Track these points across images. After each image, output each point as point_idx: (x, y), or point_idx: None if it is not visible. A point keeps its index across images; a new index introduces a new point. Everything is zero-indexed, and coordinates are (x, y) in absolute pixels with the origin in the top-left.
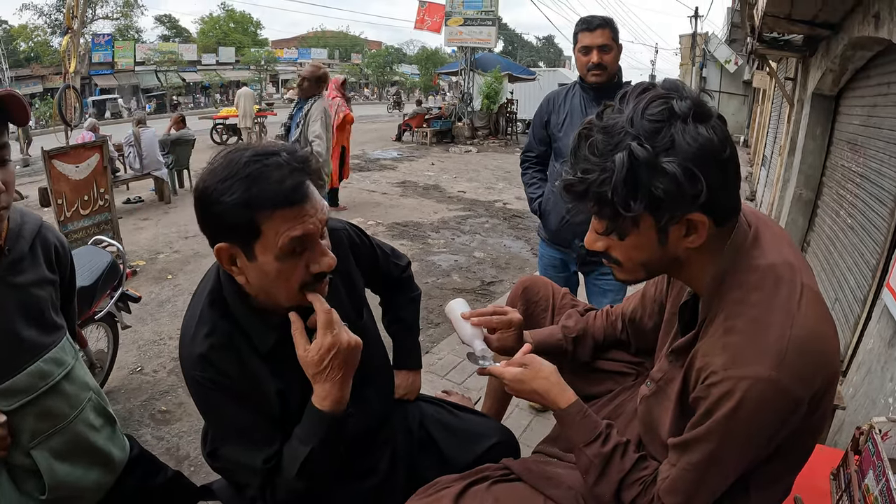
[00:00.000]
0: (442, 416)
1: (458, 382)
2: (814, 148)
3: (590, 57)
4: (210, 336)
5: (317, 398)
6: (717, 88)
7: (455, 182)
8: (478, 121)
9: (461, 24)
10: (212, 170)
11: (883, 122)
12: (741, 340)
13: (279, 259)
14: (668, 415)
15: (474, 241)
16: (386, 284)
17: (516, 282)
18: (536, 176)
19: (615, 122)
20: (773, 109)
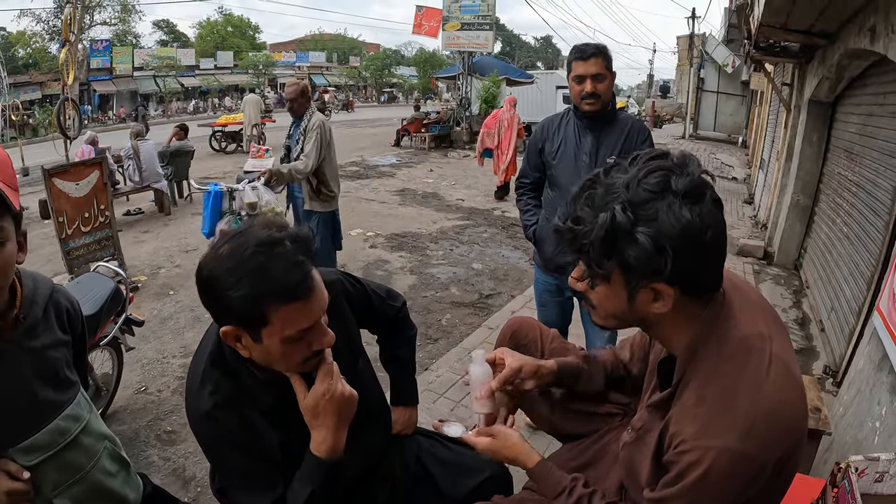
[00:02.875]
0: (437, 451)
1: (456, 400)
2: (810, 154)
3: (583, 86)
4: (214, 395)
5: (314, 444)
6: (716, 89)
7: (454, 189)
8: (476, 125)
9: (458, 29)
10: (217, 256)
11: (878, 132)
12: (710, 411)
13: (285, 343)
14: (646, 464)
15: (473, 251)
16: (382, 325)
17: (505, 324)
18: (531, 203)
19: (615, 182)
20: (770, 112)
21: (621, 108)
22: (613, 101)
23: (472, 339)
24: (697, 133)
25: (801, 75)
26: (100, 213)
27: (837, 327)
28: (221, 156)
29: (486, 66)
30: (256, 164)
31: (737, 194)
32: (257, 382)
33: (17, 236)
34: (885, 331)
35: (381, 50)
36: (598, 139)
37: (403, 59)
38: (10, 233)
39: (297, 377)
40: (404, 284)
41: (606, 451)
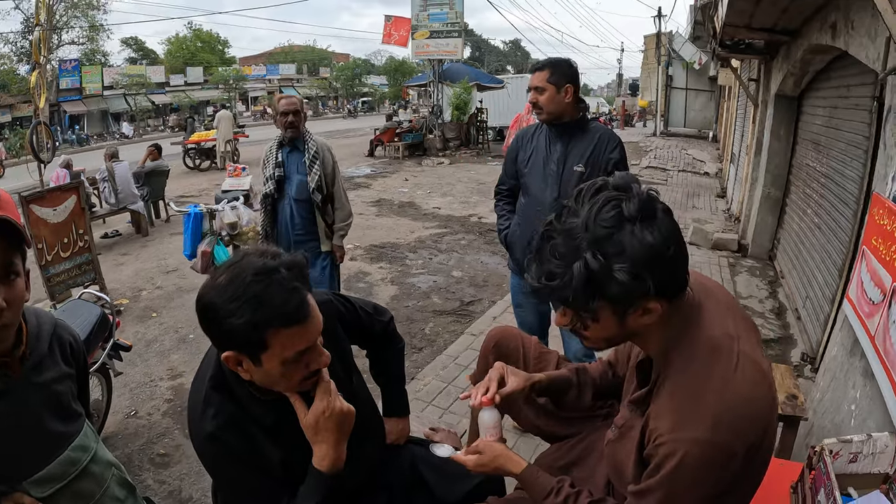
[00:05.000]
0: (430, 458)
1: (444, 407)
2: (779, 148)
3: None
4: (217, 417)
5: (316, 459)
6: (684, 86)
7: (429, 198)
8: (449, 132)
9: (427, 37)
10: (216, 285)
11: (844, 123)
12: (682, 407)
13: (284, 365)
14: (630, 460)
15: (452, 259)
16: (371, 340)
17: (487, 334)
18: (506, 208)
19: (573, 227)
20: (738, 107)
21: (593, 117)
22: (583, 112)
23: (456, 346)
24: (668, 130)
25: (766, 71)
26: (79, 237)
27: (813, 315)
28: (196, 173)
29: (457, 73)
30: (234, 182)
31: (709, 189)
32: (258, 403)
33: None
34: (855, 317)
35: (350, 60)
36: (566, 148)
37: (374, 68)
38: (20, 268)
39: (296, 396)
40: (386, 295)
41: (592, 448)
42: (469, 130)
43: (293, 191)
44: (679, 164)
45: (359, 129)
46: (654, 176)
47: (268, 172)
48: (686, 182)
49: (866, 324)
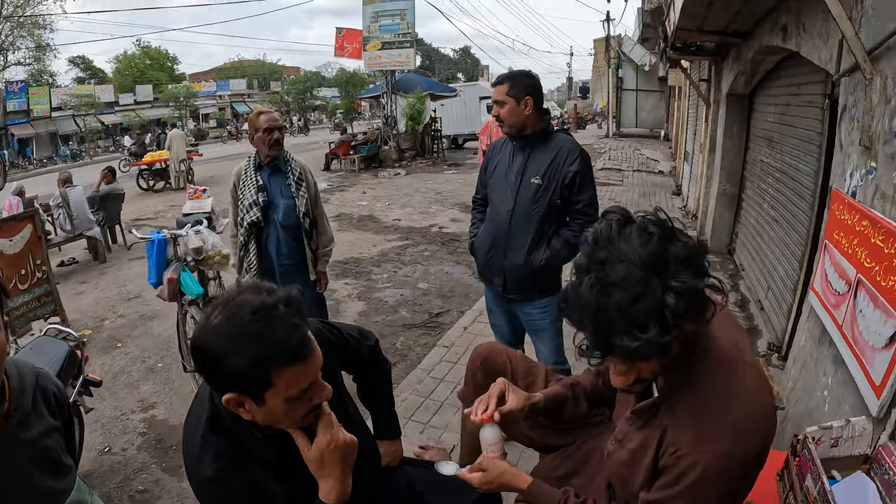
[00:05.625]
0: (426, 476)
1: (423, 422)
2: (732, 146)
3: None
4: (217, 459)
5: (323, 493)
6: (634, 87)
7: (389, 210)
8: (404, 143)
9: (379, 49)
10: (213, 327)
11: (796, 120)
12: (702, 420)
13: (287, 402)
14: (639, 470)
15: (416, 271)
16: (359, 365)
17: (473, 352)
18: (478, 217)
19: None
20: (690, 106)
21: (562, 130)
22: (544, 123)
23: (430, 359)
24: (620, 131)
25: (717, 71)
26: (36, 268)
27: (776, 305)
28: (150, 195)
29: (410, 83)
30: (195, 205)
31: (664, 187)
32: (259, 441)
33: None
34: (822, 308)
35: (301, 73)
36: (526, 160)
37: (325, 81)
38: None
39: (298, 432)
40: (354, 311)
41: (590, 457)
42: (424, 140)
43: (280, 216)
44: (633, 165)
45: (312, 143)
46: (611, 177)
47: (248, 198)
48: (641, 181)
49: (833, 313)
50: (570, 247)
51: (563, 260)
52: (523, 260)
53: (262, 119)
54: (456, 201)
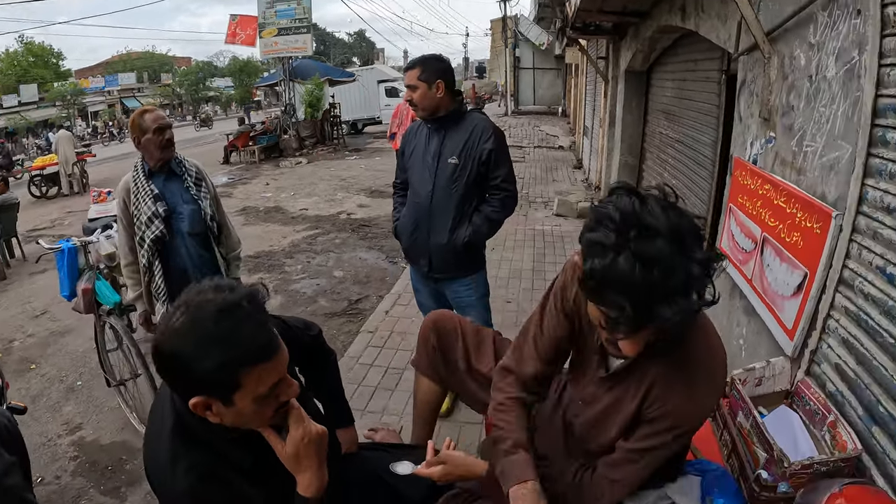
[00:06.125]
0: (385, 459)
1: (360, 409)
2: (632, 120)
3: None
4: (191, 471)
5: (302, 487)
6: (531, 66)
7: (295, 200)
8: (304, 130)
9: (275, 35)
10: (176, 331)
11: (694, 94)
12: (693, 377)
13: (256, 402)
14: (608, 424)
15: (330, 259)
16: (306, 357)
17: (424, 320)
18: (399, 201)
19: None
20: (587, 83)
21: (476, 109)
22: (458, 104)
23: (356, 346)
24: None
25: (615, 49)
26: None
27: None
28: (44, 202)
29: (307, 70)
30: (101, 209)
31: (566, 162)
32: (230, 445)
33: None
34: (730, 265)
35: (193, 63)
36: (442, 141)
37: (217, 70)
38: None
39: (270, 431)
40: (272, 306)
41: (546, 419)
42: (324, 127)
43: (186, 225)
44: (534, 141)
45: (208, 136)
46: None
47: (145, 211)
48: (543, 157)
49: (742, 269)
50: (491, 222)
51: (485, 236)
52: (446, 239)
53: (148, 119)
54: (361, 187)
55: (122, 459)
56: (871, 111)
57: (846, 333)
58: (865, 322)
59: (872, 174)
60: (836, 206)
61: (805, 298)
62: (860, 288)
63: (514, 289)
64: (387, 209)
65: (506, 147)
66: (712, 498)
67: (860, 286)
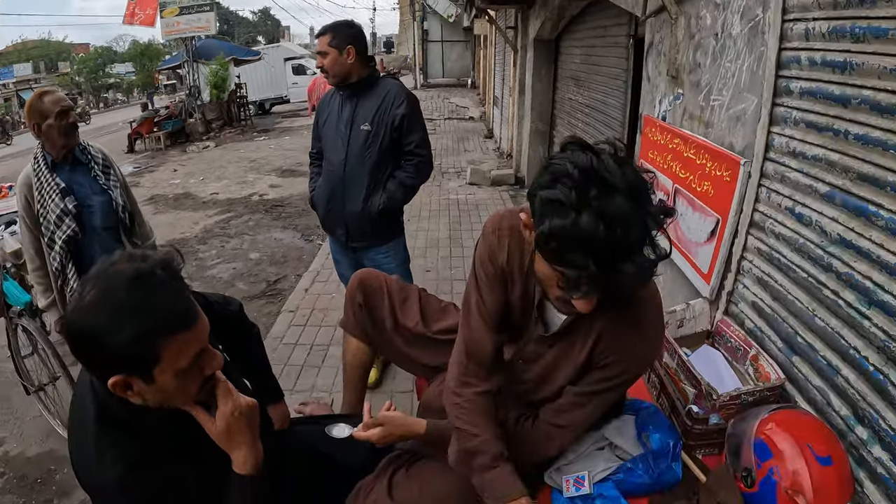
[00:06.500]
0: (318, 431)
1: (288, 388)
2: (541, 87)
3: None
4: (119, 460)
5: (238, 464)
6: (440, 38)
7: (204, 185)
8: (210, 113)
9: (177, 14)
10: (87, 305)
11: (602, 59)
12: (643, 320)
13: (179, 376)
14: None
15: (245, 242)
16: (228, 331)
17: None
18: (315, 171)
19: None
20: (497, 53)
21: (389, 74)
22: (370, 70)
23: (279, 327)
24: (428, 82)
25: (524, 19)
26: None
27: None
28: None
29: (211, 50)
30: (3, 205)
31: (476, 132)
32: (158, 427)
33: None
34: None
35: (92, 49)
36: (355, 108)
37: (117, 56)
38: None
39: (197, 408)
40: None
41: None
42: (231, 109)
43: (98, 219)
44: (444, 113)
45: (110, 125)
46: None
47: (53, 209)
48: (454, 128)
49: None
50: (406, 188)
51: (400, 202)
52: (361, 207)
53: (48, 102)
54: (271, 167)
55: (52, 470)
56: (775, 64)
57: (760, 273)
58: (778, 260)
59: (778, 122)
60: (744, 155)
61: (719, 243)
62: (771, 229)
63: (433, 258)
64: (299, 188)
65: (419, 112)
66: (648, 434)
67: (771, 227)
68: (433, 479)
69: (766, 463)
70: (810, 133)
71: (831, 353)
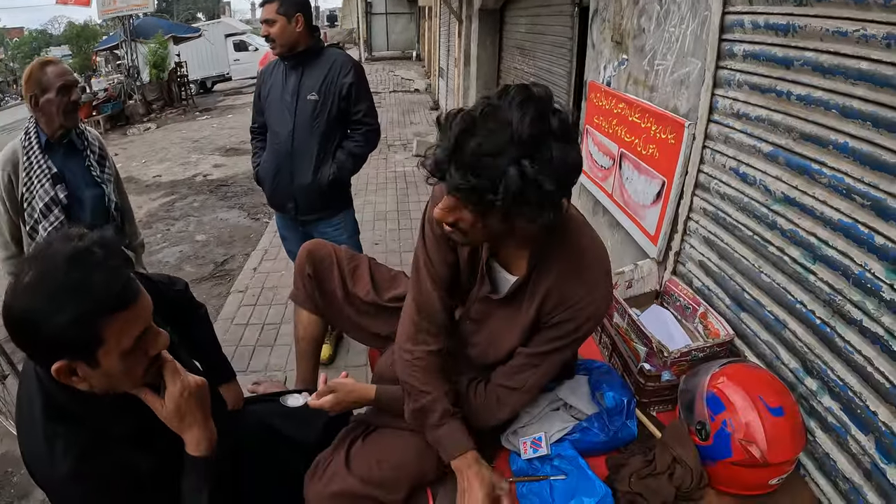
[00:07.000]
0: (273, 409)
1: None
2: (486, 57)
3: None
4: (69, 451)
5: (191, 446)
6: (384, 11)
7: (147, 168)
8: (150, 94)
9: None
10: (25, 287)
11: (547, 29)
12: (587, 276)
13: (123, 358)
14: (511, 337)
15: (190, 224)
16: (174, 312)
17: (300, 250)
18: (258, 146)
19: (498, 128)
20: (441, 24)
21: (333, 45)
22: (315, 40)
23: (228, 308)
24: (372, 55)
25: None
26: None
27: None
28: None
29: (150, 28)
30: None
31: (422, 104)
32: (107, 414)
33: None
34: (591, 183)
35: (26, 33)
36: (300, 78)
37: (53, 39)
38: None
39: (145, 391)
40: None
41: None
42: (171, 88)
43: (87, 215)
44: (389, 86)
45: None
46: None
47: (42, 196)
48: (399, 101)
49: (602, 185)
50: (355, 157)
51: (349, 172)
52: (311, 179)
53: (51, 73)
54: (214, 147)
55: (9, 472)
56: (718, 27)
57: (706, 232)
58: (724, 220)
59: (721, 85)
60: (688, 117)
61: (665, 205)
62: (716, 189)
63: (381, 230)
64: (244, 167)
65: (366, 81)
66: (602, 392)
67: (716, 188)
68: (389, 448)
69: (719, 416)
70: (753, 94)
71: (778, 308)
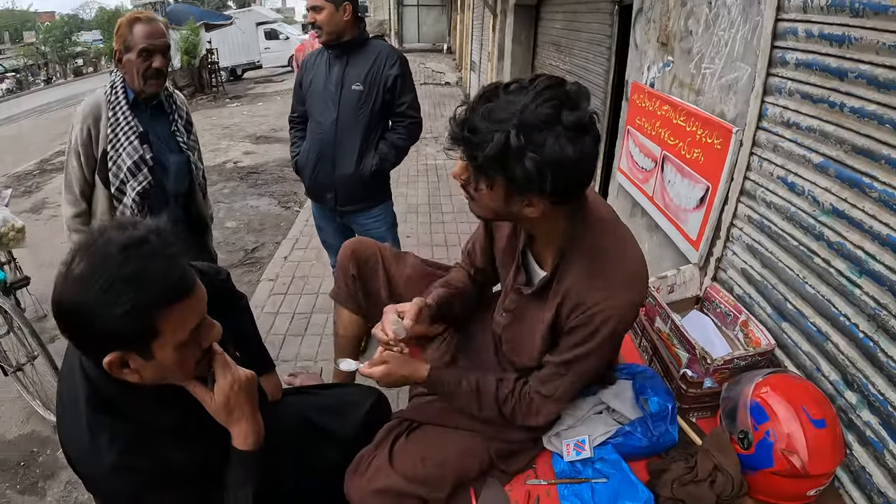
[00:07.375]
0: (311, 401)
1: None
2: (521, 52)
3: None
4: (114, 443)
5: (238, 440)
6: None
7: None
8: (181, 80)
9: None
10: (77, 278)
11: (584, 26)
12: (608, 279)
13: (178, 350)
14: (537, 337)
15: (221, 210)
16: (217, 302)
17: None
18: (297, 135)
19: (512, 102)
20: (475, 18)
21: (377, 36)
22: (360, 31)
23: (259, 295)
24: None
25: None
26: None
27: None
28: None
29: (181, 15)
30: None
31: (453, 98)
32: (152, 407)
33: None
34: (630, 185)
35: (57, 18)
36: (345, 68)
37: (84, 24)
38: None
39: (195, 383)
40: None
41: (469, 338)
42: (202, 75)
43: (171, 181)
44: (420, 78)
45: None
46: None
47: (131, 152)
48: (430, 93)
49: (642, 188)
50: (398, 149)
51: (391, 164)
52: (353, 169)
53: (138, 33)
54: (245, 134)
55: (34, 452)
56: (770, 34)
57: (750, 240)
58: (768, 228)
59: (772, 92)
60: (736, 123)
61: (708, 210)
62: (762, 197)
63: (413, 223)
64: (274, 154)
65: (410, 74)
66: (646, 398)
67: (762, 195)
68: (433, 445)
69: (762, 425)
70: (805, 104)
71: (821, 319)
